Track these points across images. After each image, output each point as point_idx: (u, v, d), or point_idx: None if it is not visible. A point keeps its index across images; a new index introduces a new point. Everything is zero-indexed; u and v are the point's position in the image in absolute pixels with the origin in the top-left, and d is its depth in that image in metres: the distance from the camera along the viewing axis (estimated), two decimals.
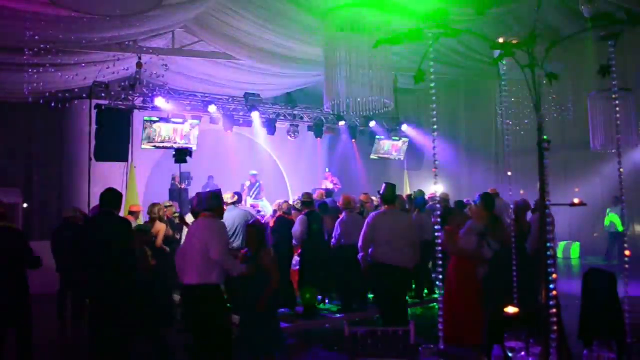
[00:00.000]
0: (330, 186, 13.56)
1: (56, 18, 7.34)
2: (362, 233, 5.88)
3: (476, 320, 5.21)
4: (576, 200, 2.39)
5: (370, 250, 5.80)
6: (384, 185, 6.02)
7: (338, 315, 7.78)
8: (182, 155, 9.33)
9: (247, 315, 4.84)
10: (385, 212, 5.91)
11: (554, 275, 2.10)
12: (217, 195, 4.98)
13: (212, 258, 4.51)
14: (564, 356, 2.73)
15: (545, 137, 2.19)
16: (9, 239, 4.97)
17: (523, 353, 2.14)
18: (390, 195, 5.94)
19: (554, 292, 2.08)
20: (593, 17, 2.20)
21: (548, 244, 2.16)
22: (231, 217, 7.38)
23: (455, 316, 5.67)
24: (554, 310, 2.09)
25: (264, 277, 4.78)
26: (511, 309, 2.44)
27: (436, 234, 2.80)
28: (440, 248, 2.70)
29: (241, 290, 4.91)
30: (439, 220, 2.79)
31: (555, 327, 2.10)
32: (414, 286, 8.55)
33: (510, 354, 2.15)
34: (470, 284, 5.67)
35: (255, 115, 11.92)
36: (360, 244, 5.86)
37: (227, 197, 7.53)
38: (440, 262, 2.78)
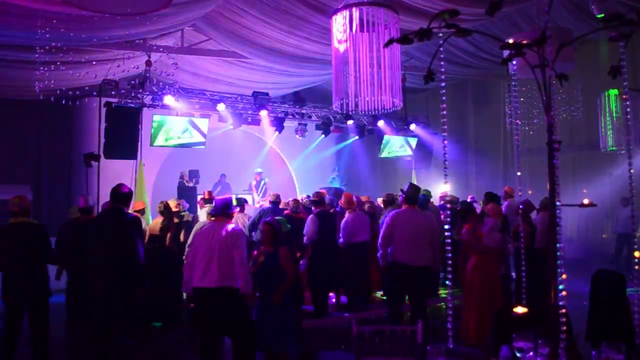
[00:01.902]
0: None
1: (67, 16, 7.39)
2: (381, 231, 5.94)
3: None
4: (586, 201, 2.39)
5: (389, 248, 5.84)
6: (407, 184, 6.12)
7: (345, 314, 7.78)
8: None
9: (262, 310, 4.92)
10: (405, 211, 5.95)
11: (564, 276, 2.10)
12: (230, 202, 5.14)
13: (239, 268, 4.67)
14: (573, 357, 2.72)
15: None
16: (28, 234, 5.03)
17: (531, 353, 2.14)
18: (412, 195, 5.99)
19: (564, 293, 2.08)
20: (604, 17, 2.19)
21: (557, 244, 2.16)
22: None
23: (479, 316, 5.63)
24: (563, 311, 2.09)
25: (281, 274, 4.87)
26: (520, 309, 2.45)
27: (445, 234, 2.81)
28: (449, 248, 2.70)
29: (258, 285, 5.02)
30: (448, 220, 2.80)
31: (564, 328, 2.10)
32: None
33: (518, 354, 2.15)
34: (493, 282, 5.68)
35: (264, 114, 11.94)
36: (379, 242, 5.92)
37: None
38: (450, 262, 2.79)
